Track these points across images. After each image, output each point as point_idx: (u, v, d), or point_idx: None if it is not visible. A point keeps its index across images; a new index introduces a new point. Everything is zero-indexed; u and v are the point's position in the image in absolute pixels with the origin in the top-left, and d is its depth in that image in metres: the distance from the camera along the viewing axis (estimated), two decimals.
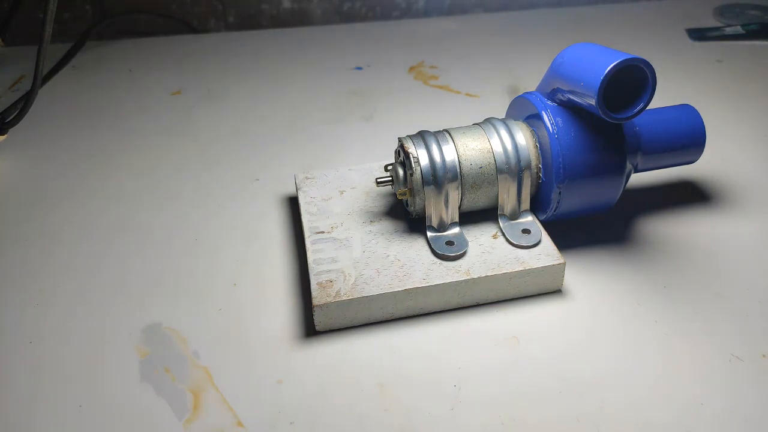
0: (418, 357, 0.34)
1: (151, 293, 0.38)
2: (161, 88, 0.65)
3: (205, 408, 0.32)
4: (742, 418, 0.30)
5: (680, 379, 0.32)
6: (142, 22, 0.83)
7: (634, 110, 0.35)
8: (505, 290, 0.36)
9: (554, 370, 0.33)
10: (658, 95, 0.35)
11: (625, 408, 0.31)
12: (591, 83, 0.34)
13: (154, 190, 0.49)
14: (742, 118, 0.56)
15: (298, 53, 0.73)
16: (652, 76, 0.34)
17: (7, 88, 0.66)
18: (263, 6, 0.83)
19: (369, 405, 0.31)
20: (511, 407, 0.31)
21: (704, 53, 0.69)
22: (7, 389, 0.33)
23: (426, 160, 0.37)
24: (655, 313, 0.36)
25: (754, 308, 0.36)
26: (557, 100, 0.38)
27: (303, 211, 0.41)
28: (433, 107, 0.60)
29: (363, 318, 0.35)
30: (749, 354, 0.33)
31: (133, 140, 0.56)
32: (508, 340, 0.35)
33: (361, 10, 0.85)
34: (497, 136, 0.38)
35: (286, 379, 0.33)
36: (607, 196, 0.39)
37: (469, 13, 0.86)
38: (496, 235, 0.38)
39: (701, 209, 0.44)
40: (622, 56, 0.33)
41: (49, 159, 0.53)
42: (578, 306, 0.37)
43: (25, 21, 0.78)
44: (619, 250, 0.41)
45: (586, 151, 0.37)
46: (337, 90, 0.64)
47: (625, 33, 0.75)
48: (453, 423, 0.30)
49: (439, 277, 0.35)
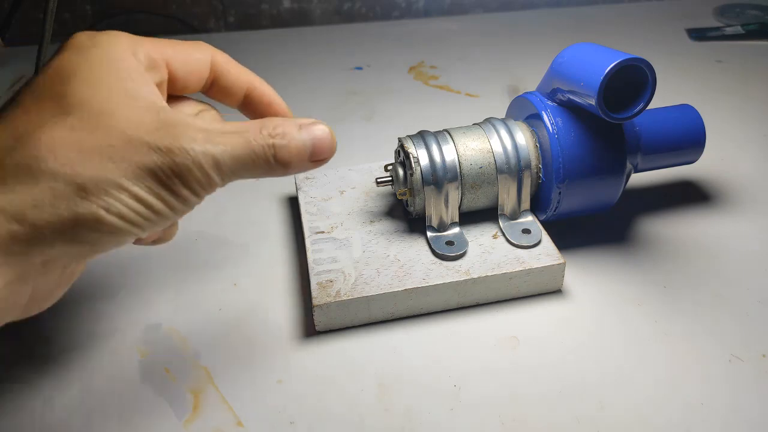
0: (418, 357, 0.34)
1: (152, 293, 0.38)
2: None
3: (205, 408, 0.32)
4: (743, 418, 0.30)
5: (680, 379, 0.32)
6: (141, 22, 0.83)
7: (634, 110, 0.35)
8: (505, 290, 0.36)
9: (554, 370, 0.33)
10: (658, 95, 0.35)
11: (625, 408, 0.31)
12: (591, 83, 0.34)
13: None
14: (742, 118, 0.56)
15: (298, 53, 0.73)
16: (652, 76, 0.34)
17: (7, 88, 0.66)
18: (263, 6, 0.83)
19: (369, 405, 0.31)
20: (511, 407, 0.31)
21: (704, 53, 0.69)
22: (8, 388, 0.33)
23: (426, 160, 0.37)
24: (655, 313, 0.36)
25: (754, 308, 0.36)
26: (557, 100, 0.38)
27: (303, 211, 0.41)
28: (433, 107, 0.60)
29: (363, 318, 0.35)
30: (749, 354, 0.33)
31: None
32: (508, 340, 0.35)
33: (361, 10, 0.85)
34: (497, 136, 0.38)
35: (286, 379, 0.33)
36: (607, 196, 0.39)
37: (469, 13, 0.86)
38: (496, 235, 0.38)
39: (701, 209, 0.44)
40: (622, 56, 0.33)
41: None
42: (578, 306, 0.37)
43: (25, 21, 0.78)
44: (619, 250, 0.41)
45: (586, 151, 0.37)
46: (337, 90, 0.64)
47: (625, 33, 0.75)
48: (453, 423, 0.30)
49: (439, 277, 0.35)
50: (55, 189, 0.22)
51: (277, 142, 0.26)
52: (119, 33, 0.27)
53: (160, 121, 0.24)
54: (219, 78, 0.30)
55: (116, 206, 0.23)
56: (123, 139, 0.23)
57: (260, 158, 0.26)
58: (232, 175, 0.26)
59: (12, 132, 0.23)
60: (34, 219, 0.22)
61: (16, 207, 0.22)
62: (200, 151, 0.24)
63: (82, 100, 0.24)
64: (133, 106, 0.24)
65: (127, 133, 0.23)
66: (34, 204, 0.22)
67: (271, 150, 0.26)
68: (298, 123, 0.28)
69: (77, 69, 0.24)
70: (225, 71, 0.30)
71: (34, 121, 0.23)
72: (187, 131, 0.24)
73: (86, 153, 0.23)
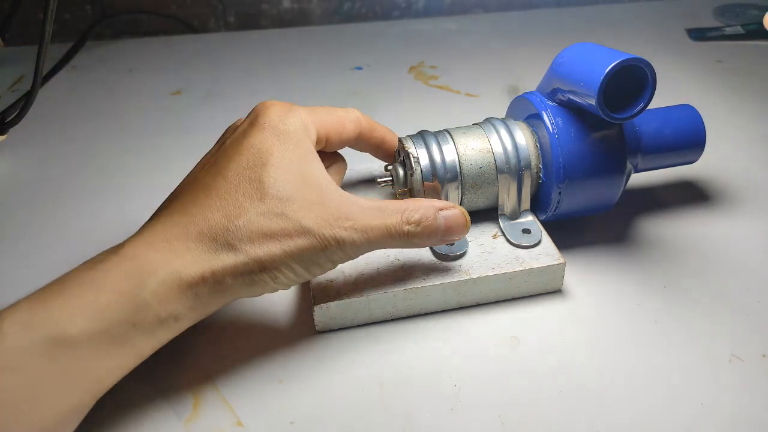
0: (418, 357, 0.34)
1: None
2: (161, 88, 0.65)
3: (205, 408, 0.32)
4: (743, 418, 0.30)
5: (680, 379, 0.32)
6: (142, 22, 0.83)
7: (634, 110, 0.35)
8: (505, 290, 0.36)
9: (554, 370, 0.33)
10: (658, 95, 0.35)
11: (624, 408, 0.31)
12: (591, 83, 0.34)
13: (154, 190, 0.49)
14: (742, 118, 0.56)
15: (298, 53, 0.73)
16: (652, 76, 0.34)
17: (7, 88, 0.66)
18: (263, 6, 0.83)
19: (369, 405, 0.31)
20: (511, 407, 0.31)
21: (704, 53, 0.69)
22: None
23: (426, 159, 0.37)
24: (655, 313, 0.36)
25: (754, 308, 0.36)
26: (557, 100, 0.38)
27: None
28: (433, 107, 0.60)
29: (363, 318, 0.35)
30: (749, 354, 0.33)
31: (133, 140, 0.56)
32: (508, 340, 0.35)
33: (361, 10, 0.85)
34: (497, 136, 0.38)
35: (286, 379, 0.33)
36: (607, 196, 0.39)
37: (469, 13, 0.86)
38: (496, 234, 0.38)
39: (701, 209, 0.44)
40: (622, 56, 0.33)
41: (49, 159, 0.53)
42: (578, 306, 0.37)
43: (25, 21, 0.78)
44: (619, 250, 0.41)
45: (586, 151, 0.37)
46: (337, 90, 0.64)
47: (625, 33, 0.75)
48: (453, 423, 0.30)
49: (439, 277, 0.35)
50: (247, 265, 0.29)
51: (411, 230, 0.32)
52: (298, 110, 0.33)
53: (325, 211, 0.31)
54: (360, 140, 0.37)
55: (280, 278, 0.30)
56: (297, 228, 0.30)
57: (395, 242, 0.32)
58: (366, 252, 0.32)
59: (224, 211, 0.30)
60: (226, 278, 0.29)
61: (220, 270, 0.29)
62: (348, 239, 0.31)
63: (274, 186, 0.30)
64: (308, 195, 0.31)
65: (302, 223, 0.30)
66: (233, 271, 0.29)
67: (405, 237, 0.32)
68: (437, 207, 0.33)
69: (271, 154, 0.31)
70: (368, 136, 0.37)
71: (239, 201, 0.30)
72: (340, 222, 0.31)
73: (266, 238, 0.30)
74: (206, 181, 0.31)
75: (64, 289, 0.27)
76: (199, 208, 0.30)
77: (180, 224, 0.30)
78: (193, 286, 0.29)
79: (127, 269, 0.28)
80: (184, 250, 0.29)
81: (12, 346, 0.25)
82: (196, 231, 0.29)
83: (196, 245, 0.29)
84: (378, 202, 0.32)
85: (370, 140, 0.38)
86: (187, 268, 0.29)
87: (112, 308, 0.27)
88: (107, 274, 0.28)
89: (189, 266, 0.29)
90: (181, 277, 0.28)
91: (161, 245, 0.29)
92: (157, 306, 0.28)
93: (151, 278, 0.28)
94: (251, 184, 0.30)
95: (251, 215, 0.30)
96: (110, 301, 0.27)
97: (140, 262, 0.28)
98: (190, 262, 0.29)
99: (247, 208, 0.30)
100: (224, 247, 0.29)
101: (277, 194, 0.30)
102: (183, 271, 0.29)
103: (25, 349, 0.25)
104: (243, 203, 0.30)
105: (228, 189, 0.30)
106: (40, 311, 0.26)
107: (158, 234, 0.30)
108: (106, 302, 0.27)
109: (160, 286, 0.28)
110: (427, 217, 0.32)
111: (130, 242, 0.29)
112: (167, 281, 0.28)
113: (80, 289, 0.27)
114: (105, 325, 0.27)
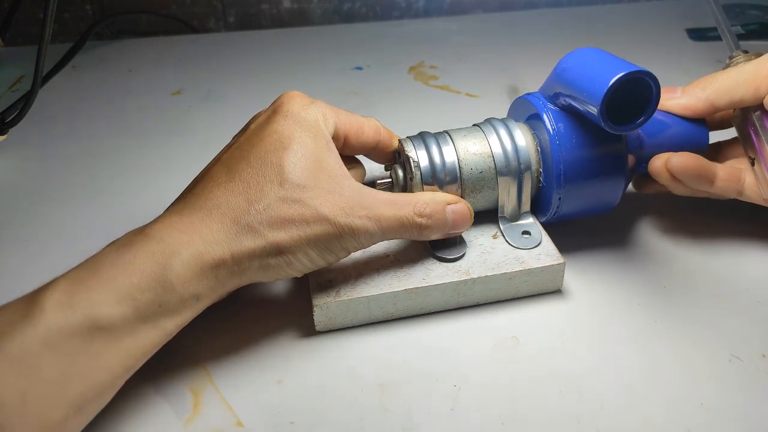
0: (418, 357, 0.34)
1: None
2: (161, 88, 0.65)
3: (205, 408, 0.32)
4: (742, 418, 0.30)
5: (680, 379, 0.32)
6: (142, 22, 0.83)
7: (636, 122, 0.34)
8: (505, 290, 0.36)
9: (554, 370, 0.33)
10: None
11: (625, 407, 0.31)
12: (594, 94, 0.33)
13: (154, 190, 0.49)
14: None
15: (298, 53, 0.73)
16: (656, 89, 0.33)
17: (7, 88, 0.66)
18: (263, 6, 0.83)
19: (369, 405, 0.31)
20: (511, 407, 0.31)
21: (704, 53, 0.69)
22: None
23: (426, 162, 0.36)
24: (655, 313, 0.36)
25: (753, 308, 0.36)
26: (559, 104, 0.37)
27: None
28: (433, 107, 0.60)
29: (363, 318, 0.35)
30: (749, 354, 0.33)
31: (133, 140, 0.56)
32: (508, 340, 0.35)
33: (361, 10, 0.85)
34: (498, 138, 0.37)
35: (286, 379, 0.33)
36: (607, 200, 0.39)
37: (469, 13, 0.86)
38: (496, 235, 0.38)
39: (701, 209, 0.44)
40: (627, 68, 0.32)
41: (49, 159, 0.53)
42: (578, 306, 0.37)
43: (25, 21, 0.78)
44: (619, 250, 0.41)
45: (587, 157, 0.36)
46: (337, 90, 0.64)
47: (625, 33, 0.75)
48: (453, 423, 0.30)
49: (439, 277, 0.35)
50: (265, 248, 0.30)
51: (423, 222, 0.34)
52: (319, 103, 0.35)
53: (341, 200, 0.32)
54: (378, 148, 0.38)
55: (295, 263, 0.32)
56: (314, 215, 0.31)
57: (407, 232, 0.34)
58: (380, 241, 0.34)
59: (246, 195, 0.31)
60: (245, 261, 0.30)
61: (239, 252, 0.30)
62: (362, 227, 0.32)
63: (293, 172, 0.31)
64: (325, 183, 0.32)
65: (319, 210, 0.31)
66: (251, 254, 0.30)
67: (417, 228, 0.34)
68: (446, 201, 0.35)
69: (292, 140, 0.32)
70: (386, 146, 0.38)
71: (259, 184, 0.31)
72: (356, 210, 0.32)
73: (285, 223, 0.31)
74: (230, 164, 0.32)
75: (98, 270, 0.28)
76: (222, 191, 0.31)
77: (204, 207, 0.31)
78: (214, 268, 0.30)
79: (154, 251, 0.29)
80: (207, 231, 0.30)
81: (52, 325, 0.26)
82: (218, 213, 0.31)
83: (219, 227, 0.30)
84: (389, 194, 0.34)
85: (388, 150, 0.38)
86: (209, 250, 0.30)
87: (143, 289, 0.28)
88: (136, 256, 0.29)
89: (211, 248, 0.30)
90: (204, 258, 0.30)
91: (185, 227, 0.30)
92: (180, 287, 0.29)
93: (175, 259, 0.29)
94: (272, 168, 0.31)
95: (271, 199, 0.31)
96: (140, 282, 0.28)
97: (165, 243, 0.29)
98: (212, 244, 0.30)
99: (267, 192, 0.31)
100: (245, 229, 0.30)
101: (295, 180, 0.31)
102: (205, 252, 0.30)
103: (64, 329, 0.26)
104: (264, 187, 0.31)
105: (250, 173, 0.31)
106: (78, 292, 0.27)
107: (183, 216, 0.31)
108: (137, 283, 0.28)
109: (184, 267, 0.29)
110: (438, 210, 0.34)
111: (156, 223, 0.30)
112: (191, 263, 0.29)
113: (113, 269, 0.28)
114: (136, 306, 0.28)
